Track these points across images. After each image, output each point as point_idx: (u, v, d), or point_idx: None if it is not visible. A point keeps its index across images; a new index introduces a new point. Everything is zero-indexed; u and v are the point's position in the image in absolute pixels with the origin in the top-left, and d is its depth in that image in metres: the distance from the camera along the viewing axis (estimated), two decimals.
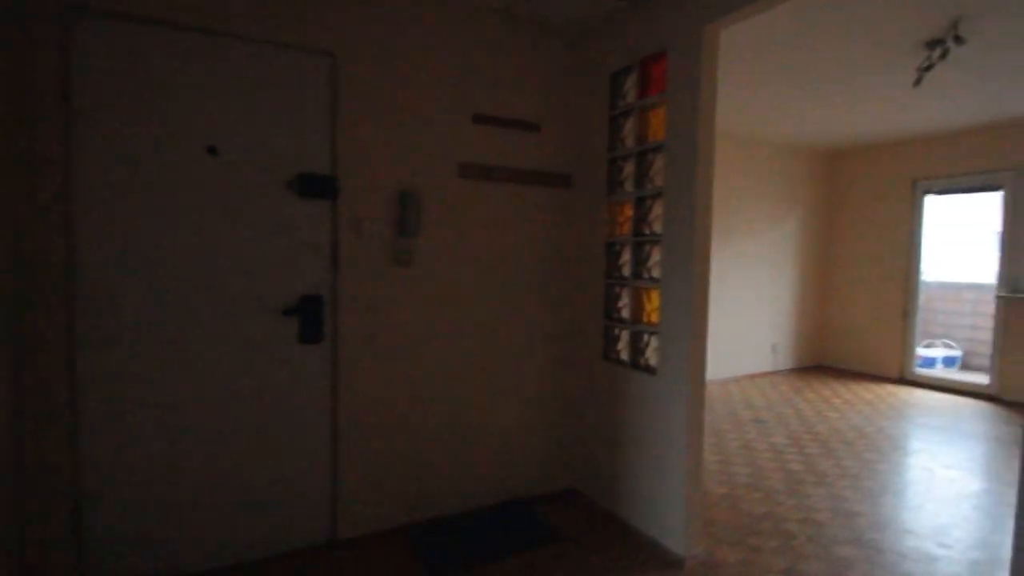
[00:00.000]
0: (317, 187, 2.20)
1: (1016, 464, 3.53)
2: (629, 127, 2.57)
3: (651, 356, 2.48)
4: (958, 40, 3.11)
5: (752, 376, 6.02)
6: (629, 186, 2.57)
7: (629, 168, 2.57)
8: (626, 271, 2.62)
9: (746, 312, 5.97)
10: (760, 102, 4.53)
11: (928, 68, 3.48)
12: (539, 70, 2.70)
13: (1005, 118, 4.85)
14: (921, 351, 6.20)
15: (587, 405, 2.86)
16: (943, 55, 3.29)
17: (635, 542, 2.49)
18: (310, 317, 2.23)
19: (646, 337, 2.51)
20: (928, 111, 4.69)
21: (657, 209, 2.43)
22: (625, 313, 2.62)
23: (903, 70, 3.76)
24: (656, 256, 2.43)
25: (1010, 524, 2.72)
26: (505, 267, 2.69)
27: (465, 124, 2.51)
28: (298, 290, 2.22)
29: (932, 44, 3.34)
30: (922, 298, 6.07)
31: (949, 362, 6.61)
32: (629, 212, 2.58)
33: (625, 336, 2.63)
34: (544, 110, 2.72)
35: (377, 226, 2.31)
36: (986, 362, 6.33)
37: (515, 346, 2.75)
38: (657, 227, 2.43)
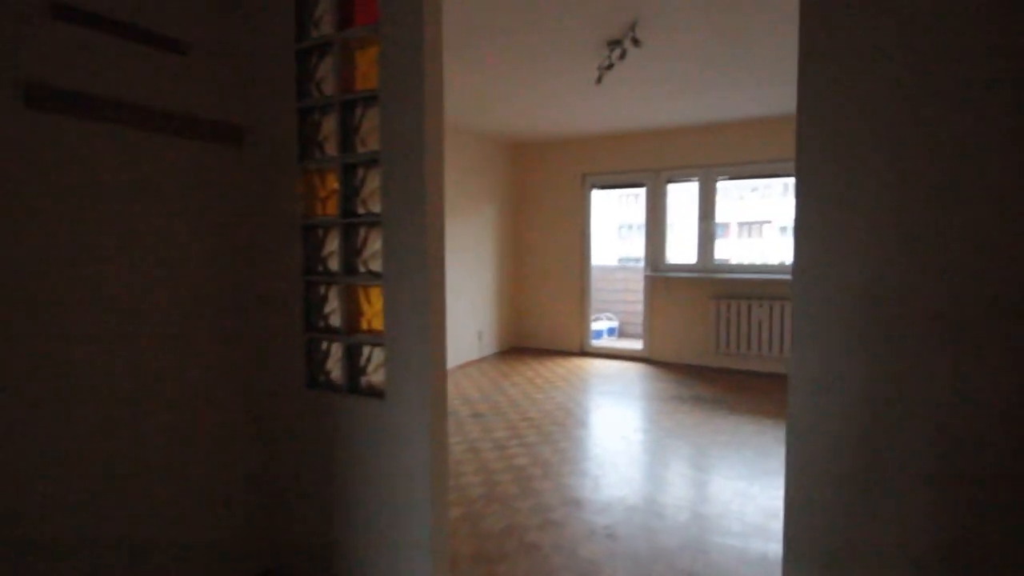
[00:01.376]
0: None
1: (674, 419, 4.12)
2: (326, 68, 1.90)
3: (375, 375, 1.89)
4: (636, 42, 3.33)
5: (462, 366, 5.96)
6: (332, 148, 1.91)
7: (330, 124, 1.90)
8: (334, 264, 1.95)
9: (454, 301, 5.86)
10: (464, 89, 4.34)
11: (609, 67, 3.71)
12: None
13: (654, 127, 5.76)
14: (594, 324, 7.10)
15: (286, 455, 2.09)
16: (622, 55, 3.52)
17: None
18: None
19: (367, 351, 1.91)
20: (599, 112, 5.22)
21: (374, 181, 1.84)
22: (335, 320, 1.96)
23: (586, 69, 3.99)
24: (376, 243, 1.84)
25: (700, 477, 3.06)
26: (125, 268, 1.70)
27: (36, 15, 1.46)
28: None
29: (613, 44, 3.55)
30: (592, 279, 6.92)
31: (611, 332, 7.79)
32: (334, 184, 1.92)
33: (337, 351, 1.97)
34: (198, 22, 1.82)
35: None
36: (636, 330, 7.65)
37: (154, 403, 1.80)
38: (374, 205, 1.84)
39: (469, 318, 6.17)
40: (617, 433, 3.83)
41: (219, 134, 1.88)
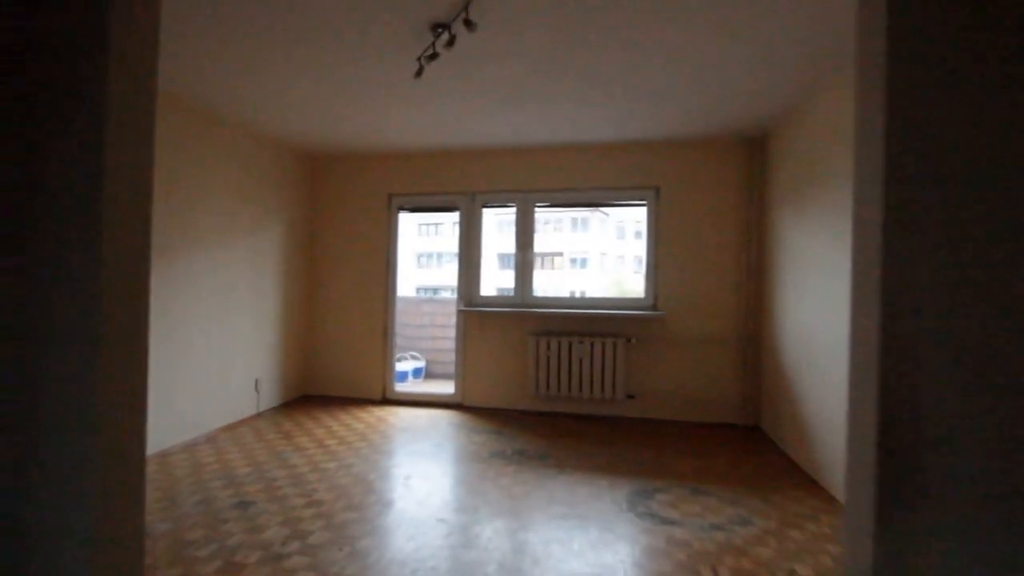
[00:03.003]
0: None
1: (500, 486, 3.48)
2: None
3: None
4: (469, 24, 2.71)
5: (231, 427, 4.60)
6: None
7: None
8: None
9: (217, 347, 4.51)
10: (245, 80, 3.25)
11: (432, 56, 3.03)
12: None
13: (471, 144, 5.22)
14: (397, 365, 6.23)
15: None
16: (449, 43, 2.87)
17: None
18: None
19: None
20: (412, 124, 4.51)
21: None
22: None
23: (400, 66, 3.26)
24: None
25: None
26: None
27: None
28: None
29: (439, 27, 2.89)
30: (395, 313, 6.07)
31: (417, 373, 6.99)
32: None
33: None
34: None
35: None
36: (445, 369, 6.96)
37: None
38: None
39: (243, 362, 4.84)
40: (433, 516, 3.02)
41: None
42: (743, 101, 3.90)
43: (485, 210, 5.63)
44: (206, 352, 4.38)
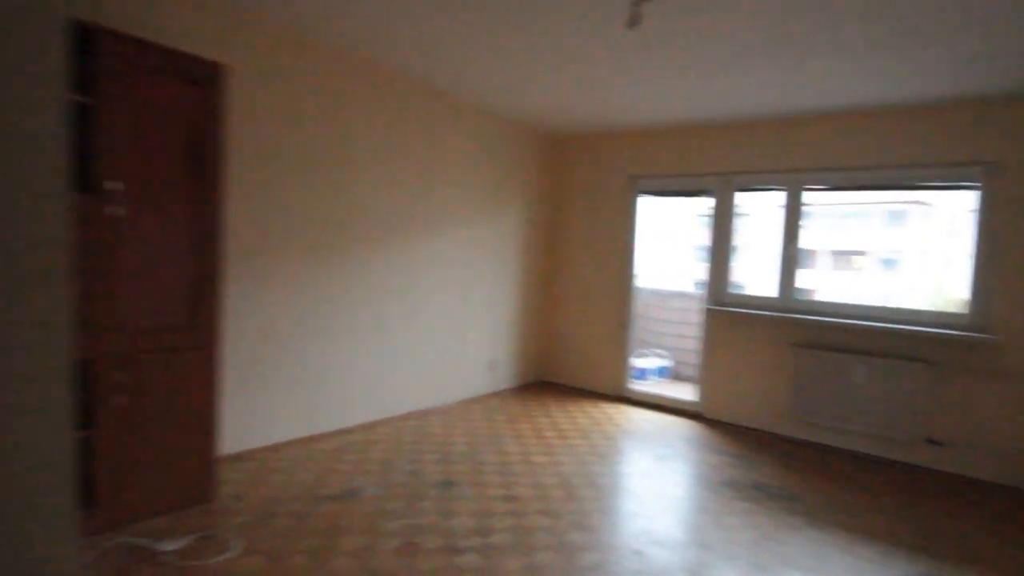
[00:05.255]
0: None
1: (723, 525, 2.81)
2: None
3: None
4: None
5: (467, 401, 4.87)
6: None
7: None
8: None
9: (457, 322, 4.79)
10: (485, 62, 3.29)
11: None
12: None
13: (723, 117, 4.48)
14: (635, 361, 5.81)
15: None
16: None
17: None
18: None
19: None
20: (641, 95, 4.02)
21: None
22: None
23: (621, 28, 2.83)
24: None
25: None
26: None
27: None
28: None
29: None
30: (638, 306, 5.64)
31: (662, 372, 6.45)
32: None
33: None
34: None
35: None
36: (692, 371, 6.27)
37: None
38: None
39: (481, 343, 5.07)
40: (630, 544, 2.59)
41: None
42: None
43: (740, 194, 4.78)
44: (447, 327, 4.68)
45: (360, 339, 3.92)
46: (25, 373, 0.89)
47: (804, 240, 4.44)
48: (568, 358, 5.73)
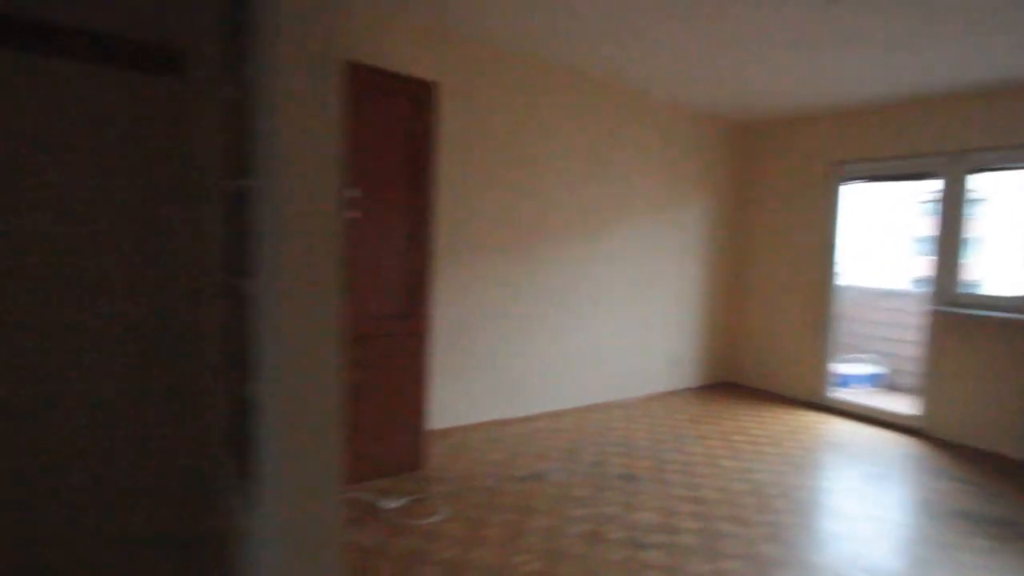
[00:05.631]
0: None
1: (951, 564, 2.42)
2: None
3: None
4: None
5: (647, 398, 4.84)
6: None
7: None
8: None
9: (639, 317, 4.76)
10: (668, 54, 3.27)
11: None
12: None
13: (960, 84, 3.81)
14: (841, 367, 5.22)
15: None
16: None
17: None
18: None
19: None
20: (856, 70, 3.57)
21: None
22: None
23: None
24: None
25: None
26: None
27: None
28: None
29: None
30: (841, 305, 5.06)
31: (872, 380, 5.70)
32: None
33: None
34: None
35: None
36: (908, 381, 5.44)
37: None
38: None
39: (663, 339, 4.99)
40: (835, 568, 2.37)
41: (144, 58, 1.30)
42: None
43: (972, 176, 4.02)
44: (629, 322, 4.69)
45: (546, 331, 4.12)
46: (313, 347, 1.12)
47: None
48: (757, 359, 5.36)
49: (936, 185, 4.19)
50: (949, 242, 4.13)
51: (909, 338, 5.49)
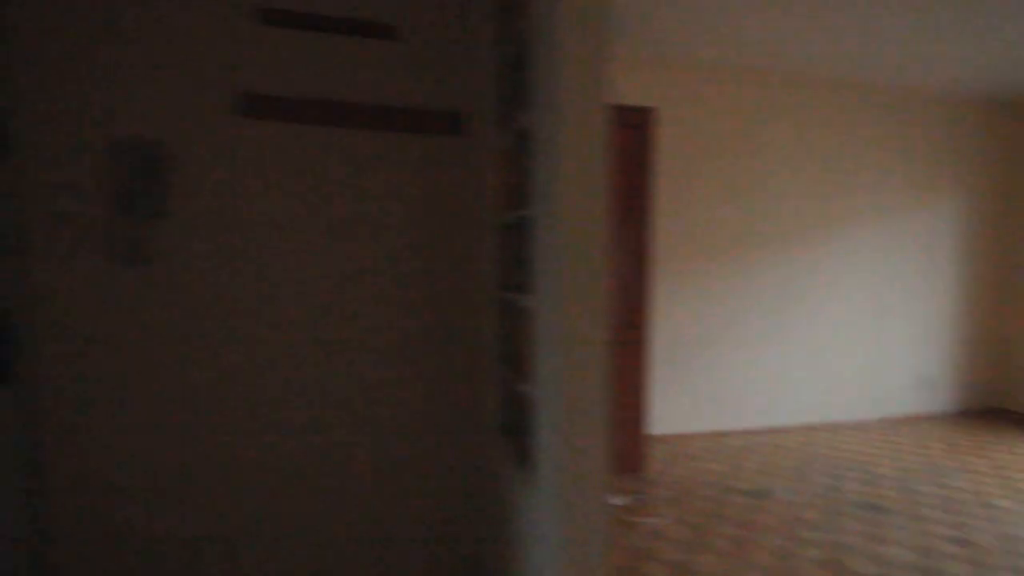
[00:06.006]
0: None
1: None
2: None
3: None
4: None
5: (889, 420, 4.29)
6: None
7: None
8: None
9: (872, 330, 4.25)
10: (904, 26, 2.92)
11: None
12: None
13: None
14: None
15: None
16: None
17: None
18: None
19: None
20: None
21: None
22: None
23: None
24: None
25: None
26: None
27: (246, 24, 1.49)
28: None
29: None
30: None
31: None
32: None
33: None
34: (404, 5, 1.61)
35: (82, 203, 1.42)
36: None
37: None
38: None
39: (905, 355, 4.38)
40: None
41: (436, 124, 1.64)
42: None
43: None
44: (859, 335, 4.21)
45: (767, 344, 3.94)
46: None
47: None
48: None
49: None
50: None
51: None
